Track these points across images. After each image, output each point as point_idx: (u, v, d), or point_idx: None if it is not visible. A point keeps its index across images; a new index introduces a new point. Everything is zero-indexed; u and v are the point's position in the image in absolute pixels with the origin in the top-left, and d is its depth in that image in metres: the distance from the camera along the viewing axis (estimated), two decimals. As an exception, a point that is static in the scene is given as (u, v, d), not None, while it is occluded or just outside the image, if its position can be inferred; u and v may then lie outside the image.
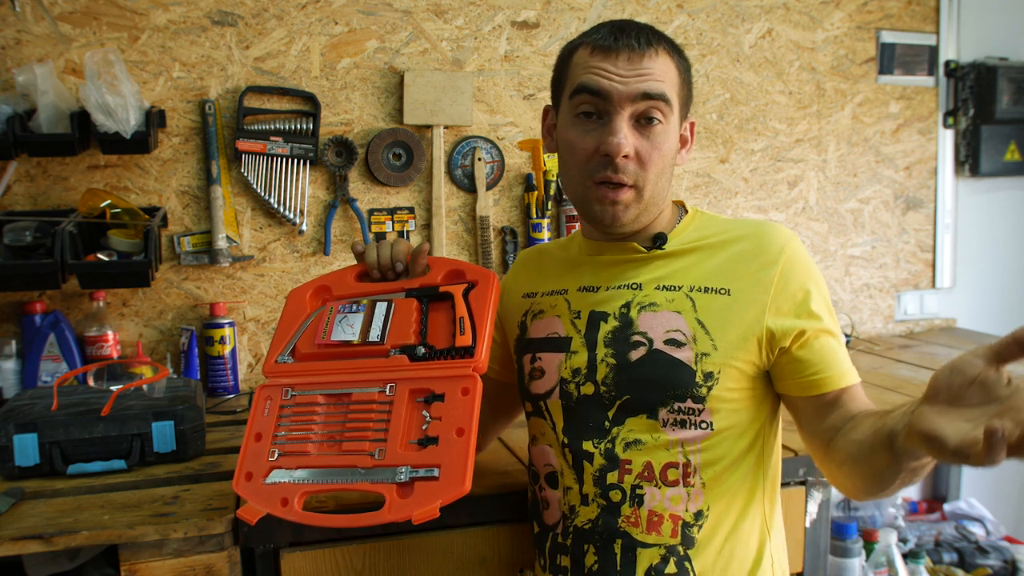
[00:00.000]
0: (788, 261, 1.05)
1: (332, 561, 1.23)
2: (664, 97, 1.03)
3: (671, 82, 1.05)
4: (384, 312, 1.14)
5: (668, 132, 1.06)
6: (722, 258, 1.07)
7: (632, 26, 1.06)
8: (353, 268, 1.22)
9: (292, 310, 1.20)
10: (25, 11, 1.78)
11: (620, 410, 1.05)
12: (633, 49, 1.03)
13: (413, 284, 1.17)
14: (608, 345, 1.07)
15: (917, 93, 2.42)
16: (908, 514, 2.36)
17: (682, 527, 1.03)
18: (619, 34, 1.04)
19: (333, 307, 1.17)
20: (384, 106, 2.00)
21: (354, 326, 1.13)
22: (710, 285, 1.05)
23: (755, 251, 1.06)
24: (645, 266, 1.11)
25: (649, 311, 1.06)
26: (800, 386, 1.05)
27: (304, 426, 1.09)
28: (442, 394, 1.05)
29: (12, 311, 1.81)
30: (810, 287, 1.05)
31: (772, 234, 1.07)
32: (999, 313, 2.55)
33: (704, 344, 1.03)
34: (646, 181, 1.05)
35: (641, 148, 1.04)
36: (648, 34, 1.05)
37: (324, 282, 1.22)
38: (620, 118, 1.03)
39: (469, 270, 1.17)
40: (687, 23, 2.18)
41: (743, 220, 1.14)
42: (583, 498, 1.07)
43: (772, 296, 1.04)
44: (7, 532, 1.13)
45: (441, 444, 1.01)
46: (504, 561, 1.30)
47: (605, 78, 1.03)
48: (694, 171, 2.24)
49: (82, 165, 1.83)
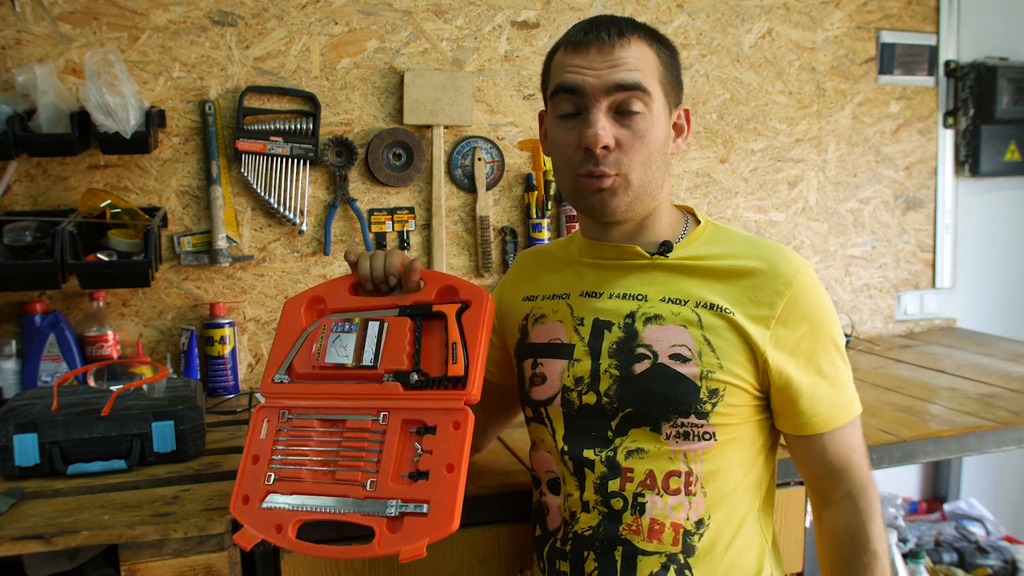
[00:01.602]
0: (796, 293, 1.03)
1: (332, 561, 1.23)
2: (639, 86, 1.02)
3: (649, 70, 1.04)
4: (377, 333, 1.14)
5: (652, 120, 1.04)
6: (731, 279, 1.06)
7: (604, 20, 1.06)
8: (347, 279, 1.21)
9: (288, 323, 1.20)
10: (25, 11, 1.77)
11: (623, 421, 1.05)
12: (603, 42, 1.03)
13: (407, 301, 1.16)
14: (612, 356, 1.06)
15: (917, 93, 2.42)
16: (908, 514, 2.37)
17: (683, 535, 1.03)
18: (590, 28, 1.05)
19: (327, 325, 1.17)
20: (384, 106, 2.00)
21: (347, 347, 1.14)
22: (716, 303, 1.04)
23: (765, 278, 1.05)
24: (648, 274, 1.09)
25: (655, 324, 1.05)
26: (786, 424, 1.08)
27: (300, 450, 1.11)
28: (434, 426, 1.06)
29: (12, 311, 1.81)
30: (809, 326, 1.04)
31: (784, 263, 1.05)
32: (999, 313, 2.56)
33: (710, 361, 1.02)
34: (631, 169, 1.04)
35: (622, 137, 1.03)
36: (620, 25, 1.05)
37: (319, 293, 1.22)
38: (597, 111, 1.03)
39: (463, 288, 1.15)
40: (687, 23, 2.18)
41: (758, 241, 1.11)
42: (584, 505, 1.07)
43: (774, 327, 1.03)
44: (7, 532, 1.13)
45: (431, 479, 1.03)
46: (504, 561, 1.30)
47: (579, 74, 1.03)
48: (694, 171, 2.24)
49: (82, 165, 1.83)
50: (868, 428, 1.56)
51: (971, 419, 1.60)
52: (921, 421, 1.60)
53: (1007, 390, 1.80)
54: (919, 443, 1.52)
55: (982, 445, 1.56)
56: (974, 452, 1.58)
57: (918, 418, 1.62)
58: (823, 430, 1.05)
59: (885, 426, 1.57)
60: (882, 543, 1.07)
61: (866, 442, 1.11)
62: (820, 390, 1.04)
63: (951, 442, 1.54)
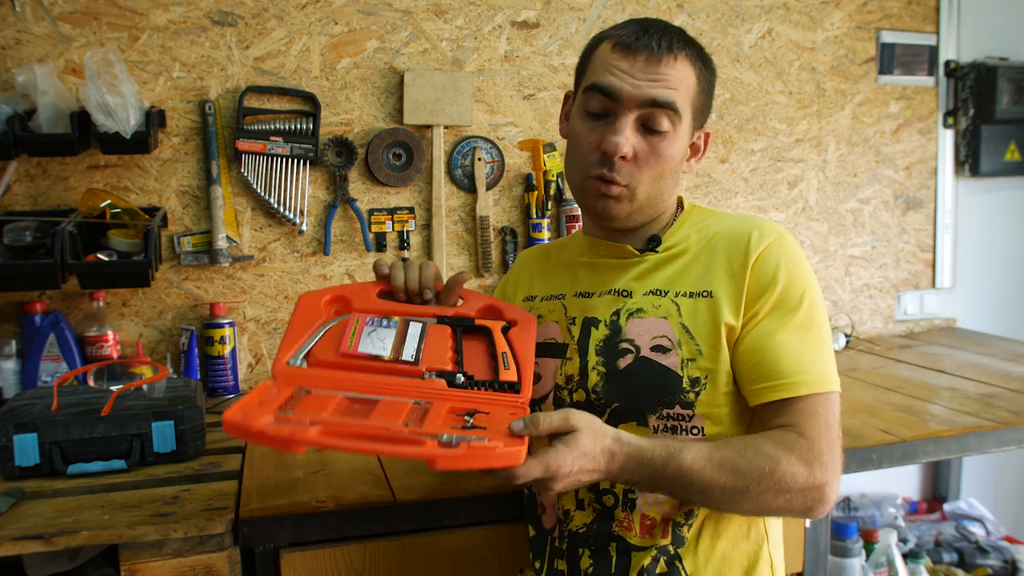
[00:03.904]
0: (765, 253, 1.02)
1: (332, 561, 1.23)
2: (673, 106, 1.02)
3: (686, 90, 1.04)
4: (418, 333, 1.06)
5: (674, 140, 1.05)
6: (707, 258, 1.06)
7: (658, 27, 1.05)
8: (375, 284, 1.13)
9: (305, 314, 1.08)
10: (25, 11, 1.77)
11: (611, 417, 1.05)
12: (652, 51, 1.02)
13: (447, 312, 1.10)
14: (599, 353, 1.07)
15: (917, 93, 2.41)
16: (908, 514, 2.36)
17: (672, 527, 1.04)
18: (642, 33, 1.03)
19: (360, 318, 1.07)
20: (384, 106, 2.00)
21: (385, 341, 1.03)
22: (694, 289, 1.04)
23: (738, 246, 1.04)
24: (636, 269, 1.10)
25: (637, 318, 1.06)
26: (748, 392, 1.01)
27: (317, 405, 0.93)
28: (487, 412, 0.95)
29: (12, 311, 1.81)
30: (774, 292, 1.00)
31: (756, 232, 1.04)
32: (999, 313, 2.55)
33: (689, 349, 1.02)
34: (639, 183, 1.05)
35: (641, 151, 1.04)
36: (672, 38, 1.03)
37: (343, 292, 1.11)
38: (625, 119, 1.03)
39: (507, 309, 1.11)
40: (687, 23, 2.18)
41: (738, 216, 1.11)
42: (578, 503, 1.08)
43: (744, 296, 1.01)
44: (7, 532, 1.13)
45: (488, 431, 0.90)
46: (504, 561, 1.30)
47: (618, 78, 1.02)
48: (694, 171, 2.24)
49: (82, 165, 1.83)
50: (868, 428, 1.56)
51: (971, 419, 1.60)
52: (921, 421, 1.60)
53: (1007, 390, 1.80)
54: (919, 443, 1.52)
55: (982, 445, 1.56)
56: (974, 452, 1.58)
57: (918, 418, 1.62)
58: (782, 396, 0.98)
59: (885, 426, 1.57)
60: (784, 478, 0.94)
61: (849, 453, 1.04)
62: (783, 357, 0.99)
63: (951, 442, 1.54)
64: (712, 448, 0.95)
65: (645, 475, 0.93)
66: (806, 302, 1.01)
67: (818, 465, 0.95)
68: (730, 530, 1.05)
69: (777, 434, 0.97)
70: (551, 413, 0.92)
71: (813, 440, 0.96)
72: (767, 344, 0.99)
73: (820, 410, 0.97)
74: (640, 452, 0.93)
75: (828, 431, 0.97)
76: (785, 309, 1.01)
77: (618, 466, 0.92)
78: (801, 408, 0.97)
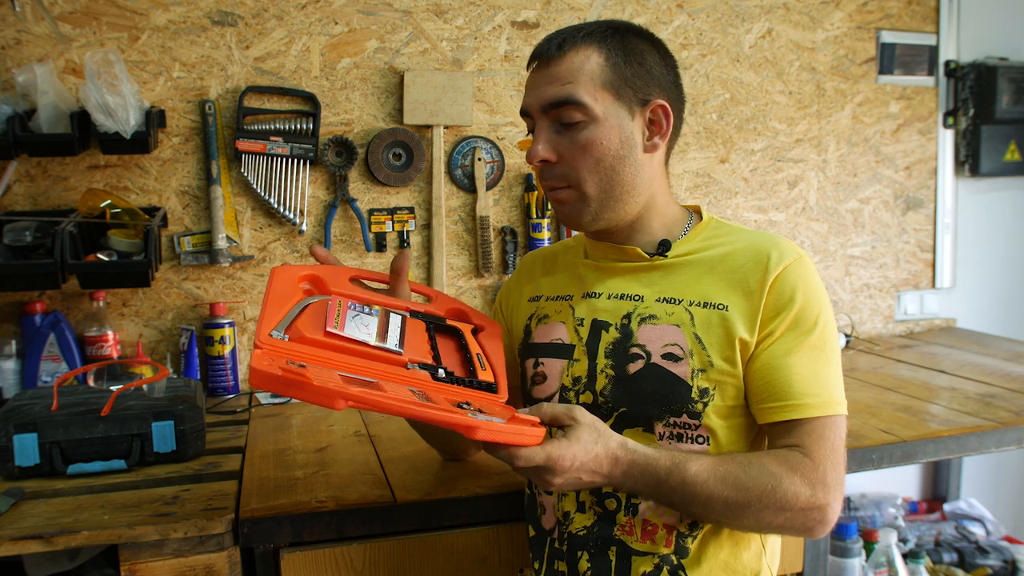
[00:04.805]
0: (784, 273, 1.02)
1: (332, 561, 1.23)
2: (571, 99, 1.02)
3: (587, 76, 1.02)
4: (399, 324, 1.07)
5: (597, 128, 1.03)
6: (723, 271, 1.05)
7: (563, 32, 1.06)
8: (345, 269, 1.14)
9: (281, 288, 1.05)
10: (25, 11, 1.78)
11: (618, 421, 1.05)
12: (544, 57, 1.05)
13: (419, 308, 1.13)
14: (608, 356, 1.07)
15: (917, 93, 2.41)
16: (908, 514, 2.36)
17: (676, 537, 1.03)
18: (543, 44, 1.07)
19: (342, 301, 1.06)
20: (384, 106, 2.00)
21: (369, 327, 1.03)
22: (709, 300, 1.04)
23: (756, 265, 1.04)
24: (648, 275, 1.10)
25: (649, 324, 1.06)
26: (757, 411, 1.03)
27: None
28: (479, 408, 0.96)
29: (12, 311, 1.81)
30: (790, 315, 1.00)
31: (775, 251, 1.04)
32: (999, 313, 2.56)
33: (700, 360, 1.02)
34: (581, 179, 1.05)
35: (564, 149, 1.05)
36: (567, 35, 1.05)
37: (317, 272, 1.11)
38: (540, 129, 1.06)
39: (473, 313, 1.14)
40: (687, 23, 2.18)
41: (758, 233, 1.10)
42: (579, 505, 1.08)
43: (761, 316, 1.01)
44: (7, 532, 1.13)
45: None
46: (504, 561, 1.30)
47: (528, 95, 1.08)
48: (694, 171, 2.24)
49: (82, 165, 1.83)
50: (868, 428, 1.56)
51: (971, 419, 1.60)
52: (921, 421, 1.60)
53: (1007, 390, 1.80)
54: (919, 443, 1.52)
55: (982, 445, 1.56)
56: (974, 452, 1.58)
57: (918, 418, 1.62)
58: (792, 416, 0.98)
59: (885, 426, 1.57)
60: (786, 497, 0.95)
61: (849, 453, 1.03)
62: (795, 378, 0.99)
63: (951, 442, 1.54)
64: (717, 462, 0.96)
65: (649, 484, 0.95)
66: (820, 324, 1.02)
67: (821, 486, 0.96)
68: (734, 543, 1.05)
69: (783, 453, 0.98)
70: (556, 404, 0.95)
71: (818, 461, 0.97)
72: (780, 364, 1.00)
73: (828, 432, 0.99)
74: (645, 460, 0.94)
75: (833, 453, 0.98)
76: (800, 330, 1.01)
77: (622, 472, 0.94)
78: (809, 429, 0.98)
